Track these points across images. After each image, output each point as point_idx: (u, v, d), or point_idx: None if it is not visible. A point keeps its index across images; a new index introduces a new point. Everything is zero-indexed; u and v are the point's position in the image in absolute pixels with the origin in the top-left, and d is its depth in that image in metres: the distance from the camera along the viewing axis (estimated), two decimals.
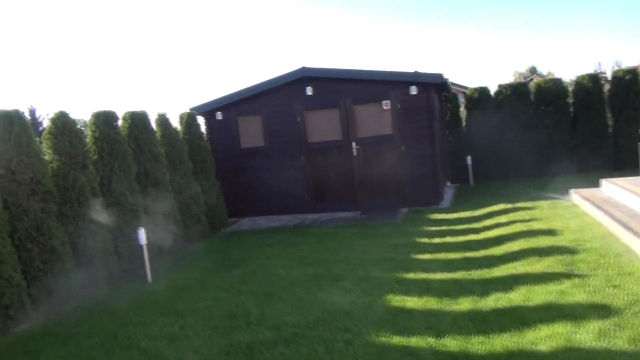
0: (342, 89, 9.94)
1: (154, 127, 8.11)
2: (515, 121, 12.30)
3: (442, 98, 12.60)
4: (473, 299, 4.49)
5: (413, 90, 9.60)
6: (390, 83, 9.73)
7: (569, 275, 4.78)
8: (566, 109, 12.46)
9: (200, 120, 10.42)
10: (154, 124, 8.14)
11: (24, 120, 5.61)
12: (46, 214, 5.57)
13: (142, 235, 6.15)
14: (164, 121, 8.50)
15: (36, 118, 23.23)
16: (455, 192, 11.54)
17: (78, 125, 6.46)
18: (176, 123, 9.18)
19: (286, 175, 10.38)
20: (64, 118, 6.23)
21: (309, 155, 10.27)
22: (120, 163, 6.92)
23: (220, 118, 10.69)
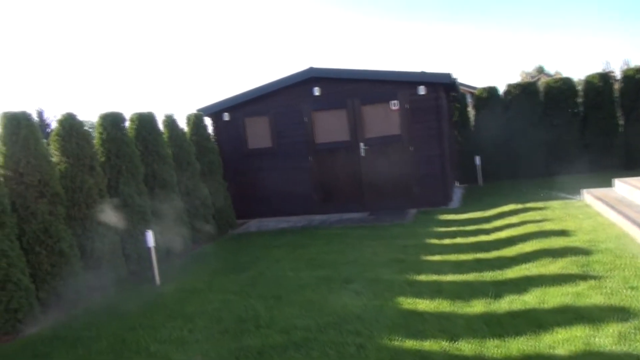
0: (350, 89, 9.87)
1: (161, 129, 8.08)
2: (524, 121, 12.20)
3: (450, 98, 12.51)
4: (486, 301, 4.40)
5: (421, 90, 9.52)
6: (398, 83, 9.66)
7: (585, 276, 4.68)
8: (576, 108, 12.34)
9: (208, 121, 10.38)
10: (161, 125, 8.10)
11: (32, 122, 5.57)
12: (54, 216, 5.54)
13: (150, 237, 6.12)
14: (171, 122, 8.47)
15: (44, 120, 23.35)
16: (464, 193, 11.44)
17: (85, 127, 6.43)
18: (183, 124, 9.16)
19: (294, 176, 10.33)
20: (71, 120, 6.21)
21: (317, 156, 10.21)
22: (127, 165, 6.89)
23: (227, 119, 10.66)
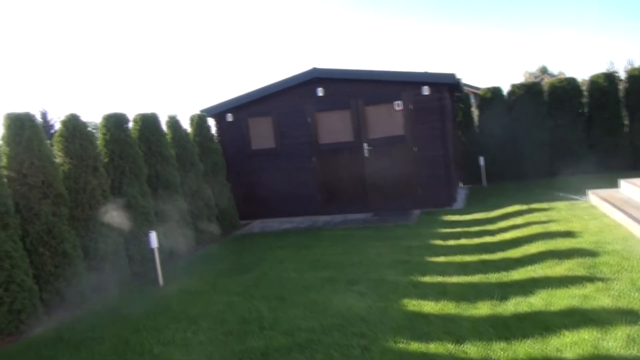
0: (354, 90, 9.84)
1: (165, 129, 8.07)
2: (528, 121, 12.14)
3: (454, 98, 12.46)
4: (492, 303, 4.36)
5: (425, 91, 9.48)
6: (401, 83, 9.62)
7: (592, 278, 4.63)
8: (581, 108, 12.26)
9: (211, 122, 10.39)
10: (164, 126, 8.09)
11: (36, 123, 5.57)
12: (57, 217, 5.53)
13: (154, 238, 6.10)
14: (174, 123, 8.47)
15: (48, 121, 23.44)
16: (469, 193, 11.39)
17: (89, 128, 6.43)
18: (187, 125, 9.16)
19: (297, 177, 10.30)
20: (74, 121, 6.20)
21: (320, 156, 10.18)
22: (131, 165, 6.88)
23: (230, 120, 10.64)
